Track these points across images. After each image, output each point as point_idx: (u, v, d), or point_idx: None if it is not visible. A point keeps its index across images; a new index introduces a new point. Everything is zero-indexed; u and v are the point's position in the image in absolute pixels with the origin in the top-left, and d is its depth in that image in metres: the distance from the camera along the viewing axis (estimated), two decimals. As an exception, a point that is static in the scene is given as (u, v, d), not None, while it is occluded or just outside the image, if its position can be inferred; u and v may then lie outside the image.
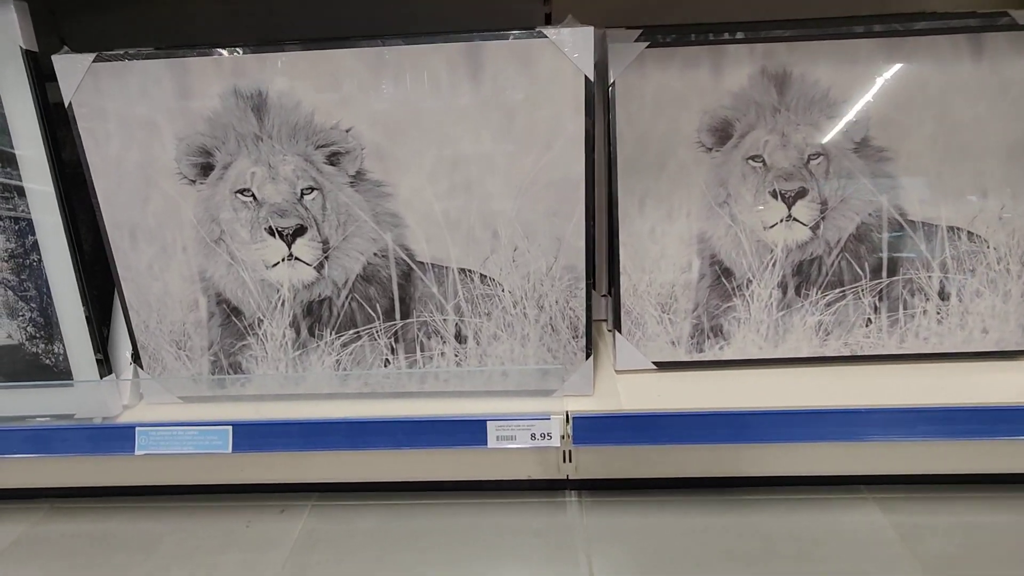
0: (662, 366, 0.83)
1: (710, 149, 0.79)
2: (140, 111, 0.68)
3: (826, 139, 0.78)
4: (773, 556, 0.72)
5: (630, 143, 0.79)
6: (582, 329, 0.75)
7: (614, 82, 0.77)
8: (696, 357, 0.83)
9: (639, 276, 0.81)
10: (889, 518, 0.78)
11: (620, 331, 0.82)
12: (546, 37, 0.64)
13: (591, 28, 0.64)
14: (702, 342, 0.82)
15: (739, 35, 0.79)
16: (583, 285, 0.73)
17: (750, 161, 0.80)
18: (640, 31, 0.80)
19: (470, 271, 0.74)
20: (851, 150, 0.79)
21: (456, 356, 0.77)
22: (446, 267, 0.74)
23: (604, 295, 0.94)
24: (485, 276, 0.74)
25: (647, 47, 0.77)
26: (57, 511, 0.88)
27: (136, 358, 0.80)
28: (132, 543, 0.81)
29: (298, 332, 0.77)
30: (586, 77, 0.65)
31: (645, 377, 0.82)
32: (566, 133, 0.67)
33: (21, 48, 0.66)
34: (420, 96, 0.67)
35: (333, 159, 0.70)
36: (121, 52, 0.67)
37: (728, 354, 0.82)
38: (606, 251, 0.88)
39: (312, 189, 0.71)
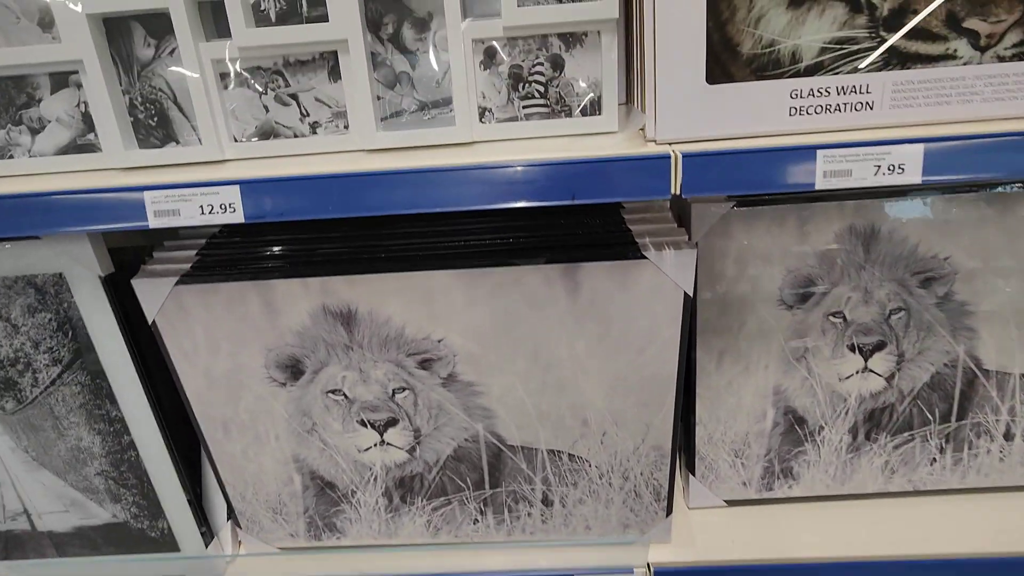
0: (732, 502, 0.87)
1: (791, 307, 0.79)
2: (227, 327, 0.67)
3: (909, 295, 0.78)
4: None
5: (711, 303, 0.78)
6: (664, 494, 0.78)
7: (697, 243, 0.75)
8: (765, 495, 0.87)
9: (714, 426, 0.83)
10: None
11: (694, 474, 0.86)
12: (646, 259, 0.62)
13: (694, 251, 0.61)
14: (772, 482, 0.86)
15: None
16: (668, 461, 0.76)
17: (831, 317, 0.79)
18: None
19: (559, 452, 0.76)
20: (933, 304, 0.78)
21: (542, 516, 0.81)
22: (535, 448, 0.75)
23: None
24: (574, 455, 0.76)
25: (733, 207, 0.74)
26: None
27: (232, 514, 0.84)
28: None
29: (390, 500, 0.80)
30: (685, 293, 0.64)
31: (716, 513, 0.87)
32: (661, 339, 0.67)
33: (100, 278, 0.64)
34: (515, 310, 0.65)
35: (425, 364, 0.70)
36: (204, 274, 0.64)
37: (796, 492, 0.86)
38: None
39: (404, 389, 0.71)
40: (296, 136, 0.59)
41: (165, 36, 0.57)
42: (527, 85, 0.58)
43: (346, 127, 0.59)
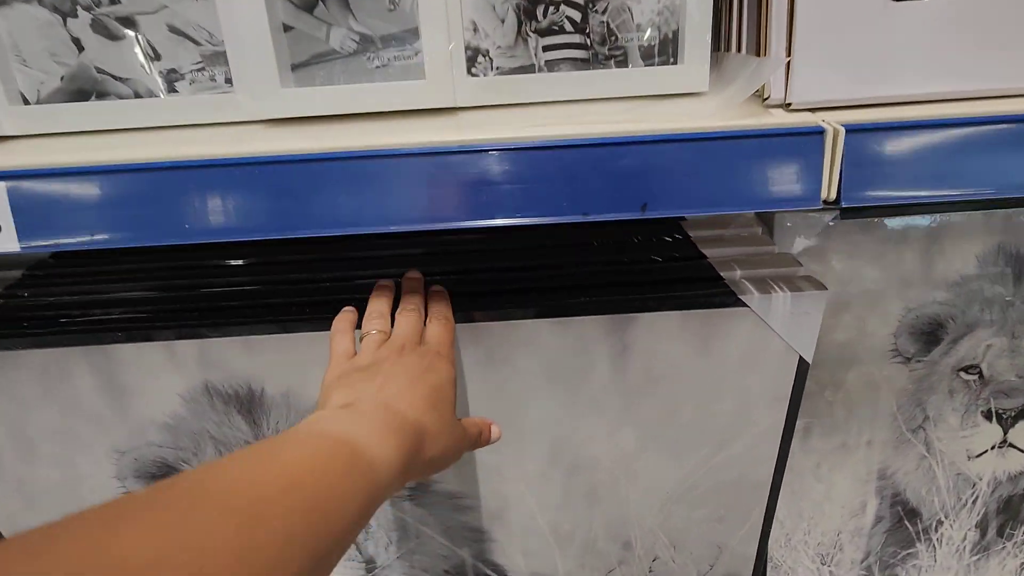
0: (814, 622, 0.64)
1: (909, 359, 0.56)
2: (44, 419, 0.41)
3: (1072, 341, 0.56)
4: None
5: (796, 353, 0.54)
6: (735, 632, 0.55)
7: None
8: (860, 612, 0.64)
9: (794, 523, 0.60)
10: None
11: (764, 587, 0.62)
12: (744, 306, 0.38)
13: (823, 294, 0.38)
14: (869, 595, 0.63)
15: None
16: (745, 592, 0.52)
17: (963, 373, 0.56)
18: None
19: (585, 584, 0.51)
20: (1103, 354, 0.57)
21: (557, 664, 0.56)
22: (550, 581, 0.51)
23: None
24: (607, 588, 0.51)
25: (836, 217, 0.51)
26: None
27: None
28: None
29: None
30: (800, 359, 0.40)
31: (792, 638, 0.63)
32: (756, 428, 0.43)
33: None
34: (524, 385, 0.41)
35: (379, 470, 0.44)
36: (-8, 334, 0.38)
37: (901, 607, 0.64)
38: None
39: (346, 505, 0.46)
40: (137, 96, 0.34)
41: None
42: (551, 10, 0.34)
43: (228, 81, 0.34)
